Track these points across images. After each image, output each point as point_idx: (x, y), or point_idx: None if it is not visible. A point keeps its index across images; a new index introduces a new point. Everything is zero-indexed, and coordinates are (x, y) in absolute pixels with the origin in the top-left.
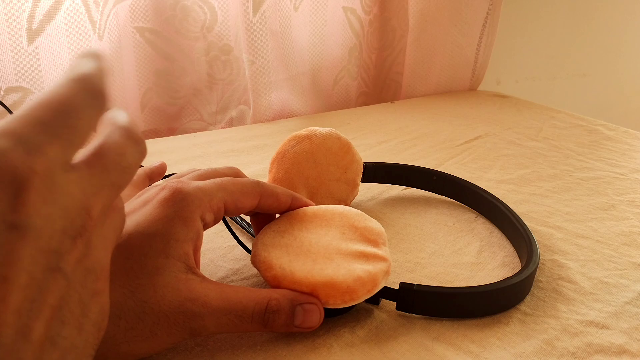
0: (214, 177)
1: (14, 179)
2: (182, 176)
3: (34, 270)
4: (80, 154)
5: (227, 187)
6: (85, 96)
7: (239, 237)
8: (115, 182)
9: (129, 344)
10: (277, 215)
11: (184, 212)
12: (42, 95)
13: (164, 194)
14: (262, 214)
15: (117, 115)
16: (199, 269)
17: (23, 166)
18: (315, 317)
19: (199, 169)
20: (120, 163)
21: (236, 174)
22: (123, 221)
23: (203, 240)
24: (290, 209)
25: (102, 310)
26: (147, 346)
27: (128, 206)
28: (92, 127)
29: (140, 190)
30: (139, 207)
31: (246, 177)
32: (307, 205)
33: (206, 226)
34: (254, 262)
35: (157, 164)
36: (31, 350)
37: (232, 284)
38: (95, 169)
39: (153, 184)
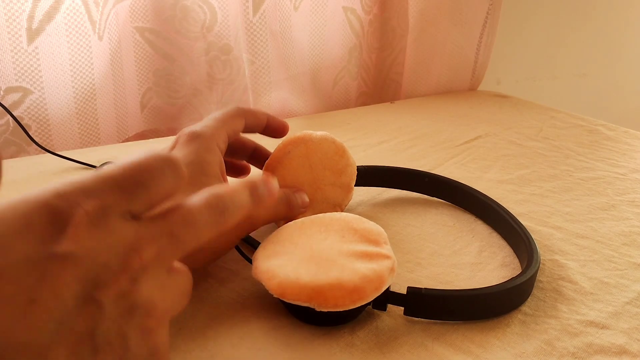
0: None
1: (61, 213)
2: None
3: (65, 295)
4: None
5: (220, 118)
6: (162, 164)
7: (239, 245)
8: (175, 233)
9: (213, 241)
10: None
11: (205, 144)
12: (123, 160)
13: (184, 137)
14: (259, 155)
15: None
16: None
17: (73, 204)
18: (305, 197)
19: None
20: (185, 222)
21: None
22: (187, 284)
23: None
24: (268, 124)
25: (154, 349)
26: (225, 240)
27: None
28: (167, 190)
29: None
30: (169, 151)
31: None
32: (283, 124)
33: (222, 152)
34: (255, 274)
35: None
36: None
37: (232, 284)
38: (158, 221)
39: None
